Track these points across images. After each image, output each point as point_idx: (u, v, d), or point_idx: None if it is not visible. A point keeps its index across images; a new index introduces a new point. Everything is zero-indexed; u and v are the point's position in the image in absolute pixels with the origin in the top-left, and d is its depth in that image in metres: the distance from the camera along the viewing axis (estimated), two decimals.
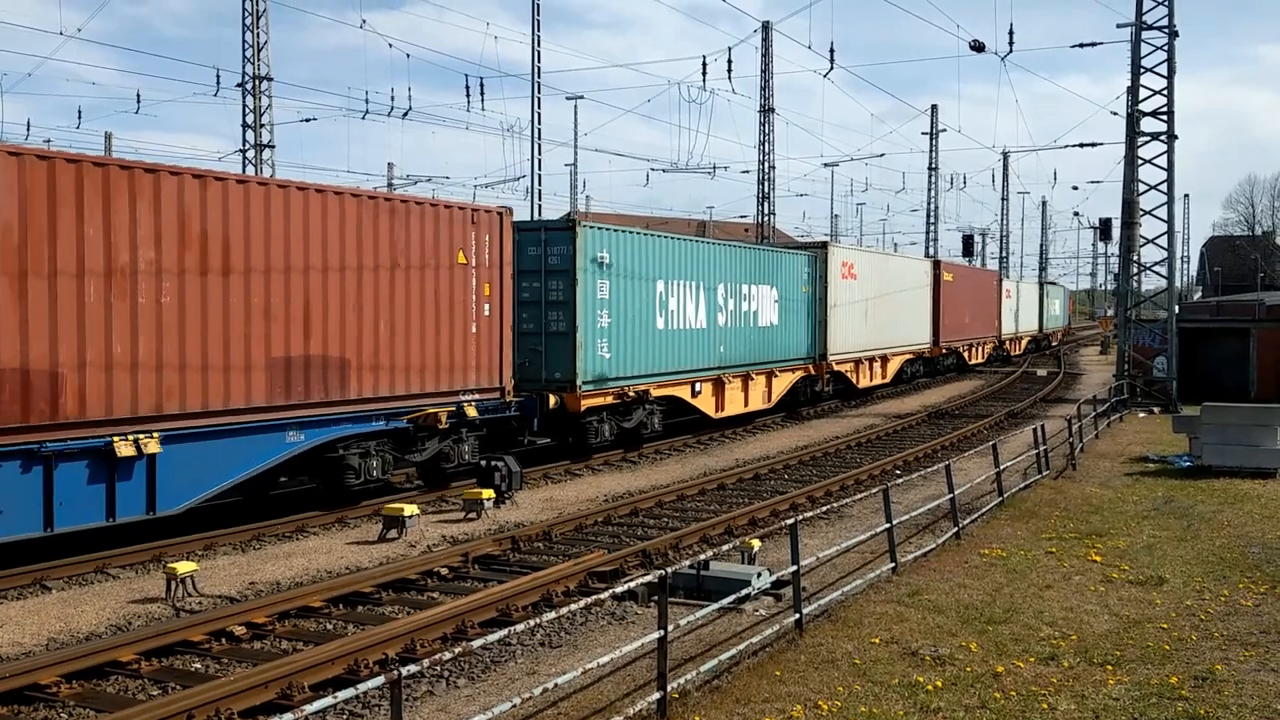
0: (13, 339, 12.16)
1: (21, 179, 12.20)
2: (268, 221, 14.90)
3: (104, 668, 9.67)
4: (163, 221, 13.61)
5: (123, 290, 13.19)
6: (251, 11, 35.39)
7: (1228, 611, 11.52)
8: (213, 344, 14.23)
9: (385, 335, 16.68)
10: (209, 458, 14.25)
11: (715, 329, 26.27)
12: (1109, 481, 20.36)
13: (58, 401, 12.56)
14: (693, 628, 10.61)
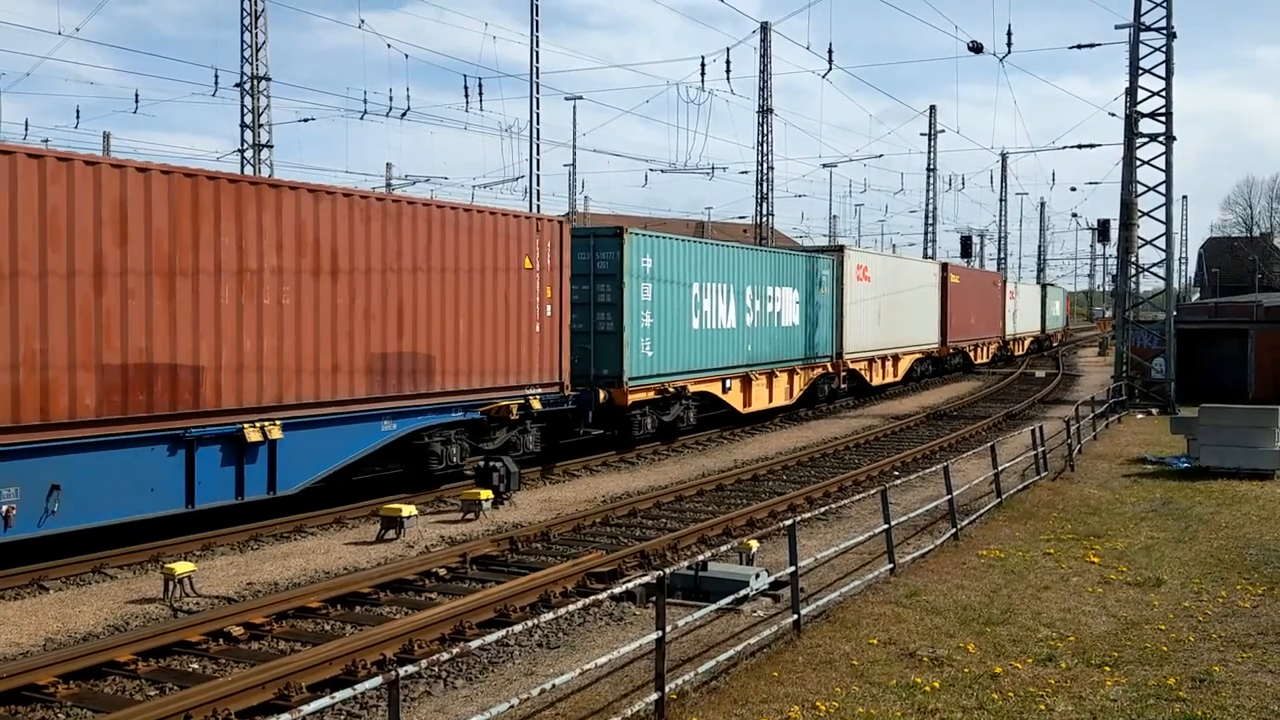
0: (165, 336, 13.67)
1: (171, 194, 13.71)
2: (367, 231, 16.41)
3: (102, 668, 9.66)
4: (283, 231, 15.13)
5: (251, 292, 14.70)
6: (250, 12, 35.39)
7: (1225, 613, 11.52)
8: (323, 341, 15.76)
9: (464, 334, 18.23)
10: (320, 443, 15.83)
11: (744, 329, 27.71)
12: (1107, 483, 20.37)
13: (199, 392, 14.10)
14: (691, 628, 10.61)
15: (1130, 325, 36.66)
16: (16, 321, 12.20)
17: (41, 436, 12.44)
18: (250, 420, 14.65)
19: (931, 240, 69.00)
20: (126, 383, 13.27)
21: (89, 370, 12.86)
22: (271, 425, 14.90)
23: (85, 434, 12.83)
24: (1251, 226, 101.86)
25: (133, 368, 13.32)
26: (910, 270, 42.69)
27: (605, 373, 22.30)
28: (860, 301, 35.62)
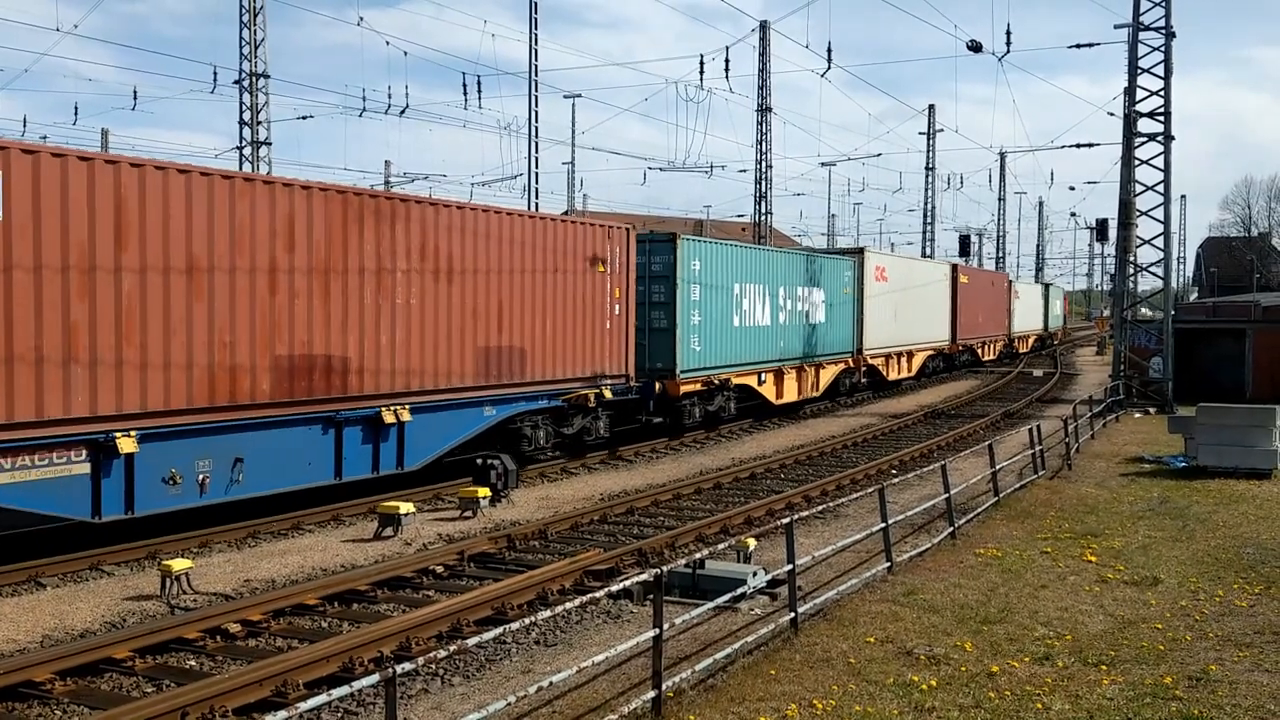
0: (321, 331, 15.70)
1: (327, 209, 15.76)
2: (475, 238, 18.38)
3: (99, 665, 9.66)
4: (410, 239, 17.11)
5: (386, 293, 16.74)
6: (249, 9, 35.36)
7: (1222, 612, 11.53)
8: (441, 336, 17.79)
9: (549, 330, 20.26)
10: (438, 426, 17.95)
11: (777, 326, 29.81)
12: (1104, 482, 20.38)
13: (346, 379, 16.14)
14: (688, 626, 10.61)
15: (1128, 324, 36.67)
16: (213, 317, 14.24)
17: (230, 416, 14.51)
18: (385, 405, 16.76)
19: (930, 239, 69.05)
20: (292, 371, 15.34)
21: (265, 359, 14.95)
22: (402, 409, 17.01)
23: (262, 414, 14.95)
24: (1249, 226, 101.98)
25: (297, 358, 15.42)
26: (923, 271, 44.67)
27: (659, 366, 24.25)
28: (878, 301, 37.54)
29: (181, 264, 13.84)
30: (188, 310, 13.92)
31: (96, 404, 12.92)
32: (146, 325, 13.44)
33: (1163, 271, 35.81)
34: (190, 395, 13.96)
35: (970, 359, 53.73)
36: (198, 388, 14.04)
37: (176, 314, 13.78)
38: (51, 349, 12.48)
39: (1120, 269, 36.94)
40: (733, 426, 27.55)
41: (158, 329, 13.57)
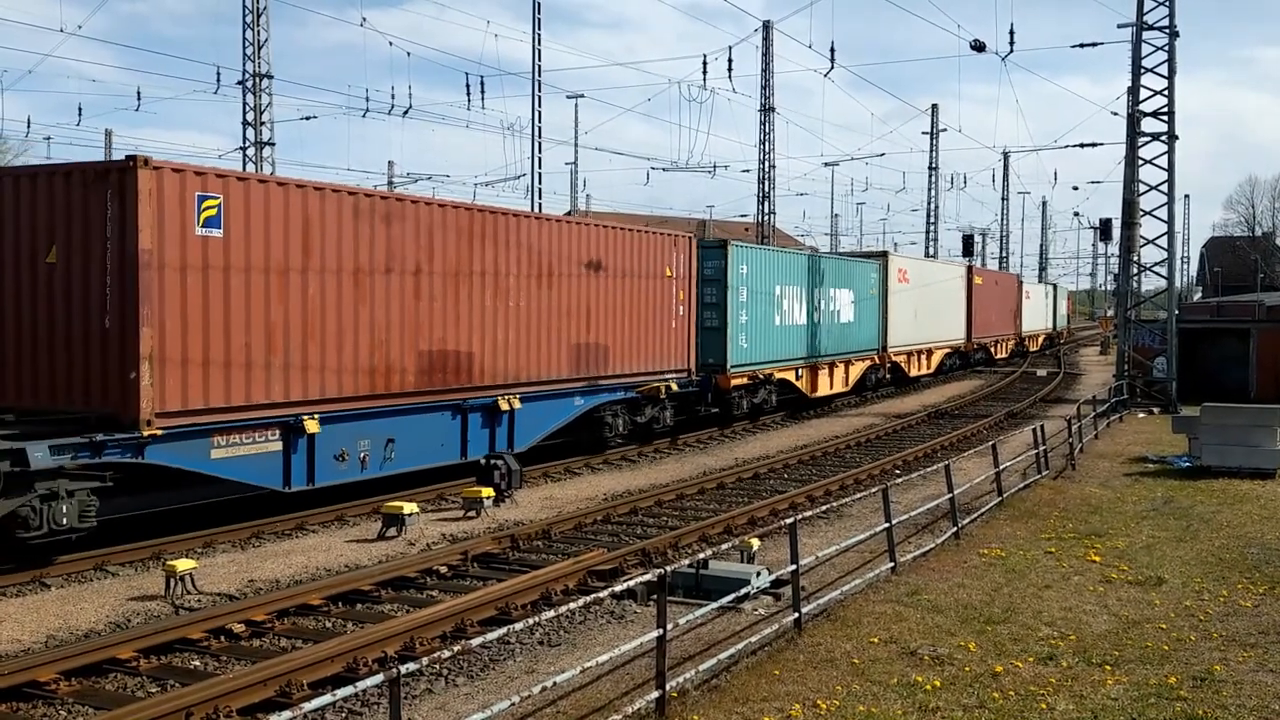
0: (453, 330, 18.11)
1: (457, 223, 18.23)
2: (568, 247, 20.84)
3: (103, 665, 9.67)
4: (520, 249, 19.47)
5: (501, 296, 19.16)
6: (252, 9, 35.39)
7: (1227, 612, 11.52)
8: (542, 333, 20.14)
9: (627, 328, 22.60)
10: (540, 413, 20.39)
11: (812, 325, 32.16)
12: (1108, 482, 20.36)
13: (471, 372, 18.55)
14: (691, 627, 10.61)
15: (1132, 324, 36.61)
16: (373, 319, 16.53)
17: (385, 403, 16.88)
18: (501, 394, 19.21)
19: (933, 239, 68.99)
20: (431, 364, 17.71)
21: (411, 354, 17.33)
22: (514, 398, 19.46)
23: (408, 402, 17.35)
24: (1253, 226, 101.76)
25: (434, 354, 17.79)
26: (941, 273, 47.07)
27: (710, 361, 26.25)
28: (900, 302, 39.72)
29: (350, 273, 16.20)
30: (355, 312, 16.29)
31: (289, 391, 15.25)
32: (324, 324, 15.78)
33: (1166, 271, 35.80)
34: (356, 385, 16.36)
35: (984, 357, 55.46)
36: (361, 379, 16.44)
37: (346, 315, 16.14)
38: (257, 344, 14.81)
39: (1124, 269, 36.89)
40: (735, 426, 28.03)
41: (333, 328, 15.92)
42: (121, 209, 13.40)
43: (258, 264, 14.74)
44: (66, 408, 13.66)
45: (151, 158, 13.62)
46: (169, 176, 13.69)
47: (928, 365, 44.36)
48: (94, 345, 13.62)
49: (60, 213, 13.83)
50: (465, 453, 18.68)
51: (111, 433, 13.15)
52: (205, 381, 14.15)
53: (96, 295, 13.60)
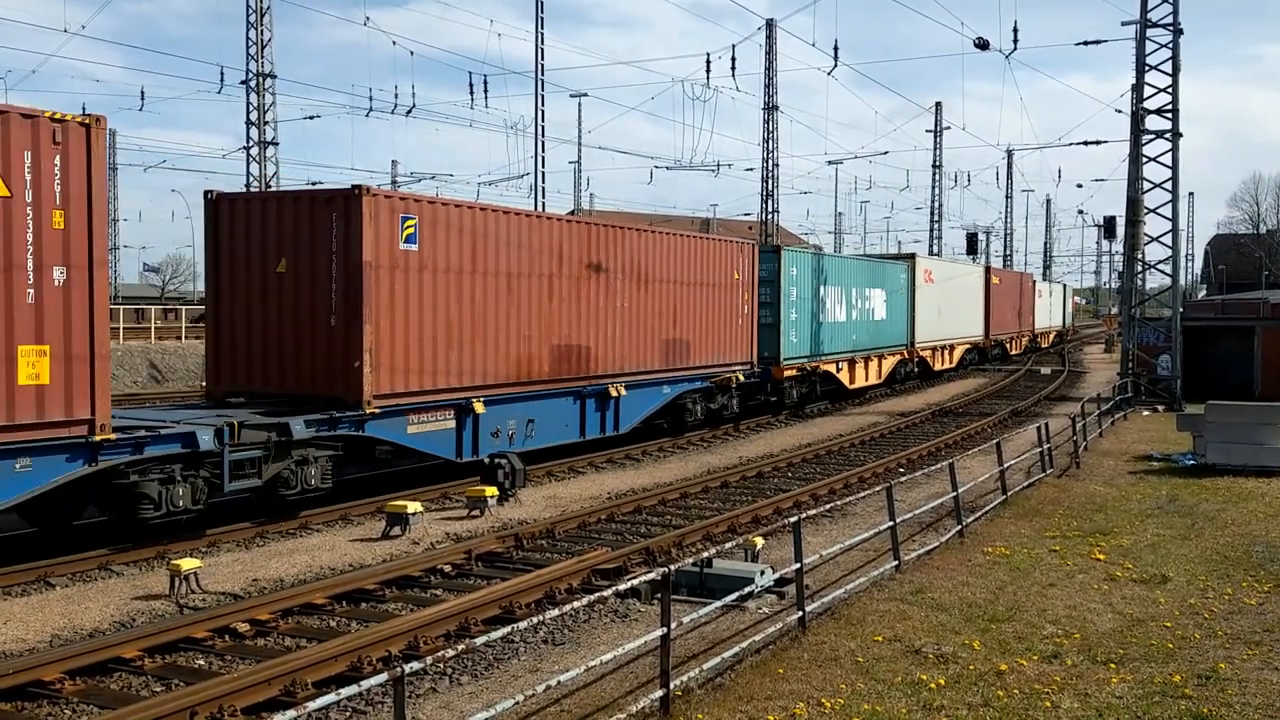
0: (575, 326, 20.92)
1: (579, 235, 21.21)
2: (658, 255, 23.75)
3: (108, 664, 9.68)
4: (625, 256, 22.41)
5: (611, 298, 21.99)
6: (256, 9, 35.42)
7: (1231, 610, 11.50)
8: (640, 330, 23.01)
9: (703, 325, 25.47)
10: (639, 400, 23.25)
11: (850, 322, 35.11)
12: (1113, 480, 20.34)
13: (588, 363, 21.33)
14: (695, 625, 10.60)
15: (1136, 322, 36.56)
16: (520, 317, 19.40)
17: (528, 389, 19.80)
18: (610, 382, 22.00)
19: (937, 237, 68.98)
20: (559, 357, 20.49)
21: (545, 348, 20.16)
22: (620, 386, 22.33)
23: (544, 388, 20.25)
24: (1258, 224, 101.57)
25: (562, 347, 20.59)
26: (962, 273, 50.36)
27: (765, 355, 28.97)
28: (926, 301, 42.65)
29: (504, 279, 19.02)
30: (507, 312, 19.12)
31: (461, 378, 18.17)
32: (486, 322, 18.66)
33: (1171, 269, 35.74)
34: (507, 373, 19.23)
35: (1000, 352, 58.02)
36: (510, 368, 19.32)
37: (501, 315, 19.00)
38: (440, 339, 17.74)
39: (1128, 266, 36.84)
40: (738, 426, 28.23)
41: (492, 325, 18.80)
42: (346, 228, 16.21)
43: (440, 272, 17.66)
44: (294, 391, 16.65)
45: (370, 186, 16.68)
46: (381, 201, 16.59)
47: (950, 360, 47.22)
48: (320, 340, 16.45)
49: (289, 231, 16.67)
50: (584, 432, 21.68)
51: (343, 411, 16.06)
52: (405, 370, 17.00)
53: (323, 299, 16.41)
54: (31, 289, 12.18)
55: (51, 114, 12.36)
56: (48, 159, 12.25)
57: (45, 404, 12.31)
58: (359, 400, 16.18)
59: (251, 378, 17.15)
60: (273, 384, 16.91)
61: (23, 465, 12.26)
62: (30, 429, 12.20)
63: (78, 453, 12.78)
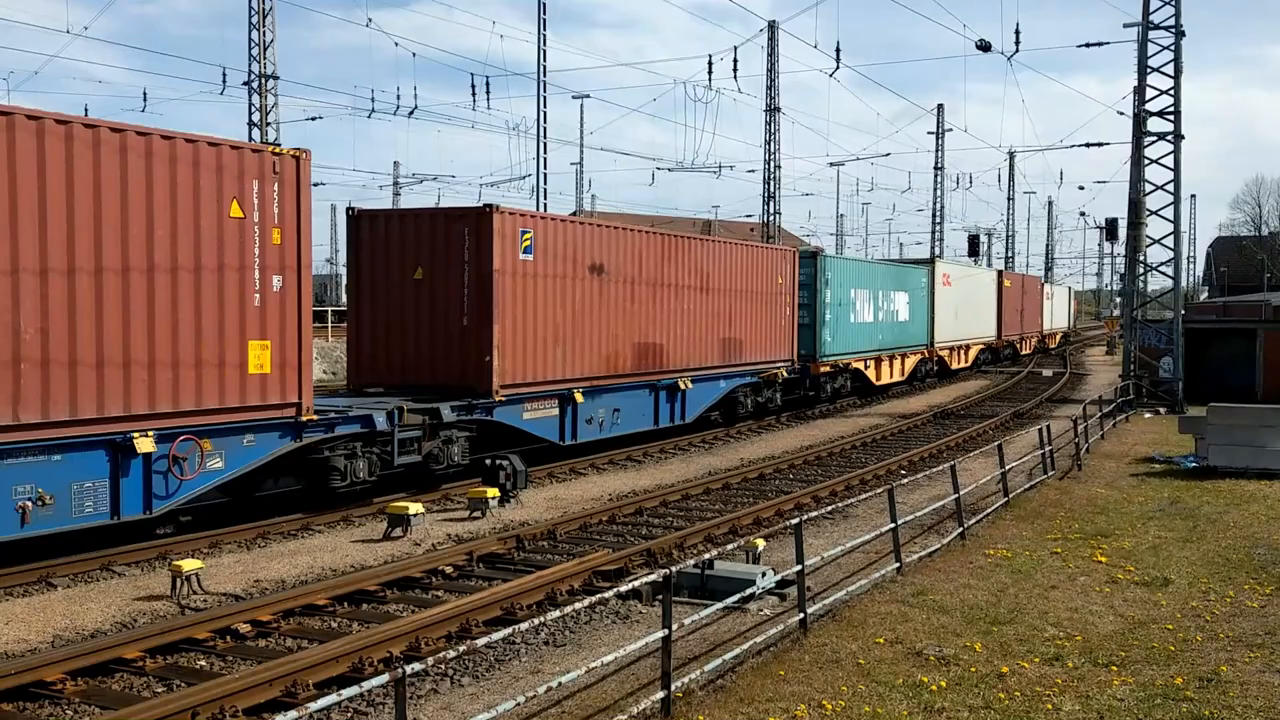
0: (650, 326, 23.54)
1: (654, 245, 23.87)
2: (716, 262, 26.42)
3: (109, 665, 9.69)
4: (690, 264, 25.15)
5: (680, 300, 24.66)
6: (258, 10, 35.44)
7: (1233, 613, 11.49)
8: (701, 330, 25.64)
9: (753, 325, 28.28)
10: (701, 393, 26.04)
11: (876, 323, 37.55)
12: (1115, 482, 20.33)
13: (661, 359, 23.92)
14: (697, 627, 10.60)
15: (1138, 324, 36.55)
16: (608, 317, 21.92)
17: (614, 381, 22.26)
18: (679, 376, 24.57)
19: (939, 239, 68.96)
20: (639, 353, 23.08)
21: (628, 345, 22.75)
22: (687, 379, 24.91)
23: (626, 381, 22.76)
24: (1260, 226, 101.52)
25: (641, 345, 23.17)
26: (976, 276, 53.20)
27: (804, 353, 31.81)
28: (944, 303, 45.06)
29: (596, 284, 21.54)
30: (598, 313, 21.58)
31: (565, 371, 20.70)
32: (583, 322, 21.08)
33: (1172, 271, 35.70)
34: (598, 367, 21.64)
35: (1012, 352, 60.36)
36: (601, 362, 21.76)
37: (594, 315, 21.43)
38: (548, 336, 20.17)
39: (1130, 269, 36.83)
40: (741, 427, 28.35)
41: (588, 324, 21.27)
42: (477, 240, 18.77)
43: (549, 279, 20.12)
44: (428, 382, 19.06)
45: (498, 205, 19.10)
46: (506, 218, 19.04)
47: (966, 359, 50.00)
48: (454, 338, 18.99)
49: (425, 243, 19.18)
50: (657, 421, 24.18)
51: (476, 399, 18.59)
52: (522, 364, 19.51)
53: (455, 302, 18.95)
54: (258, 294, 14.53)
55: (272, 148, 14.82)
56: (268, 186, 14.54)
57: (267, 390, 14.76)
58: (489, 389, 18.81)
59: (389, 371, 19.52)
60: (409, 376, 19.33)
61: (249, 440, 14.73)
62: (255, 410, 14.63)
63: (288, 431, 15.27)
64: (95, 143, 12.54)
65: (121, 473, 13.17)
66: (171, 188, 13.40)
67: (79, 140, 12.40)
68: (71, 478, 12.70)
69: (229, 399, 14.22)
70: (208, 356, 13.93)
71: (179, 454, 13.68)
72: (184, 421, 13.76)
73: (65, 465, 12.64)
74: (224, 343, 14.12)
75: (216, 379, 14.06)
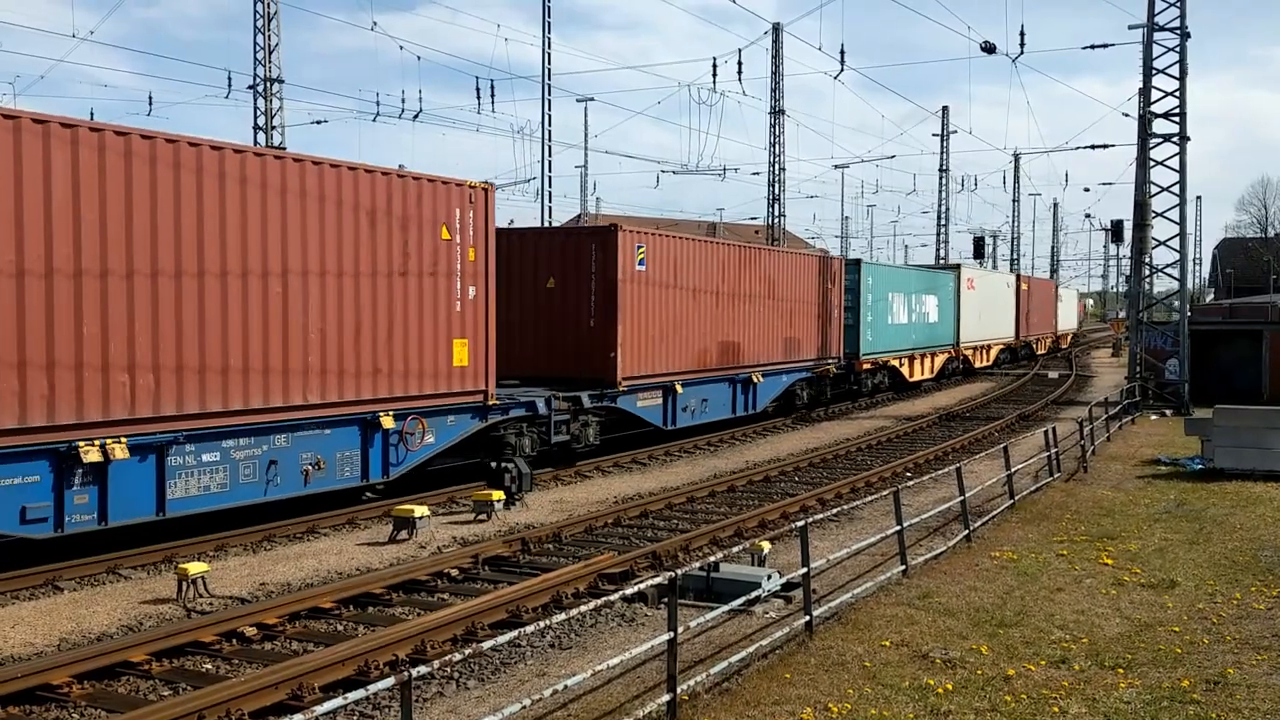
0: (731, 327, 26.82)
1: (734, 256, 27.36)
2: (780, 269, 29.86)
3: (115, 668, 9.70)
4: (761, 273, 28.59)
5: (752, 305, 27.90)
6: (263, 14, 35.48)
7: (1240, 615, 11.47)
8: (768, 331, 28.88)
9: (808, 325, 31.72)
10: (769, 385, 29.22)
11: (910, 324, 40.66)
12: (1120, 484, 20.30)
13: (738, 356, 27.24)
14: (702, 630, 10.60)
15: (1144, 326, 36.49)
16: (700, 319, 25.30)
17: (703, 375, 25.58)
18: (752, 371, 27.85)
19: (944, 241, 68.90)
20: (722, 351, 26.36)
21: (714, 343, 26.03)
22: (758, 374, 28.17)
23: (713, 374, 26.12)
24: (1266, 227, 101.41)
25: (723, 344, 26.39)
26: (997, 280, 56.71)
27: (848, 351, 34.86)
28: (969, 305, 48.10)
29: (692, 292, 24.95)
30: (693, 315, 24.95)
31: (667, 366, 23.94)
32: (681, 323, 24.46)
33: (1178, 273, 35.65)
34: (692, 363, 24.94)
35: (1028, 352, 63.48)
36: (694, 358, 25.03)
37: (691, 317, 24.90)
38: (655, 336, 23.36)
39: (1135, 271, 36.79)
40: (744, 430, 28.47)
41: (685, 325, 24.65)
42: (604, 254, 22.02)
43: (657, 286, 23.37)
44: (559, 375, 21.82)
45: (622, 224, 22.75)
46: (627, 234, 22.33)
47: (988, 358, 53.37)
48: (583, 337, 22.14)
49: (557, 256, 22.41)
50: (734, 410, 27.30)
51: (604, 389, 21.88)
52: (637, 359, 22.70)
53: (584, 306, 22.13)
54: (459, 301, 17.97)
55: (469, 183, 18.16)
56: (465, 213, 18.01)
57: (465, 379, 18.23)
58: (614, 380, 22.06)
59: (520, 365, 21.92)
60: (542, 369, 22.12)
61: (451, 420, 18.15)
62: (457, 396, 18.06)
63: (477, 413, 18.70)
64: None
65: (369, 445, 16.59)
66: (405, 215, 16.87)
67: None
68: (336, 448, 16.01)
69: (440, 386, 17.67)
70: (427, 351, 17.38)
71: (408, 430, 17.07)
72: (410, 404, 17.15)
73: (332, 438, 15.97)
74: (438, 340, 17.54)
75: (433, 370, 17.52)
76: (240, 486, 14.69)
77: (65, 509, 12.73)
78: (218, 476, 14.43)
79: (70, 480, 12.72)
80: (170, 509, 13.85)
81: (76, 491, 12.79)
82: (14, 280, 12.03)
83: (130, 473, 13.31)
